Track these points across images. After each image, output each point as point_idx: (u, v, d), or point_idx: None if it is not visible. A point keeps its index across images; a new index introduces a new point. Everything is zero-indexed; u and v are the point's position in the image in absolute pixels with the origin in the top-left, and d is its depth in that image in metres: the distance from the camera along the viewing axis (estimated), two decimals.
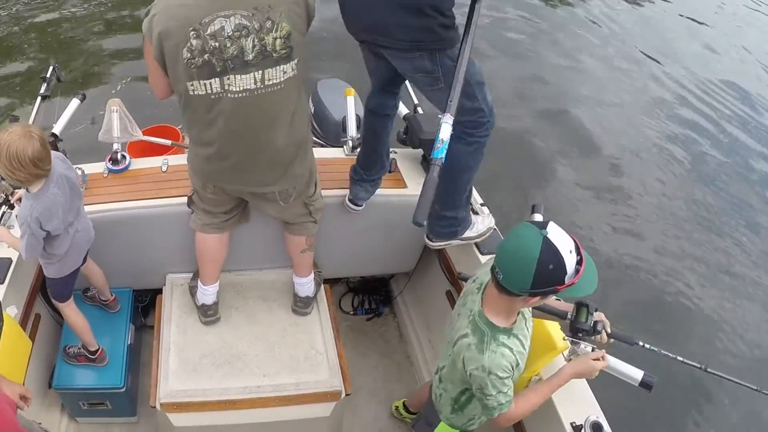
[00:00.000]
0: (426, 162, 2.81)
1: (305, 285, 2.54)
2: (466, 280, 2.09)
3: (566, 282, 1.49)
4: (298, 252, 2.46)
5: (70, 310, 2.31)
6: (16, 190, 2.30)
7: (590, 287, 1.55)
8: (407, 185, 2.71)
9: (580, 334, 1.80)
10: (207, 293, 2.47)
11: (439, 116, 2.79)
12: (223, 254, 2.44)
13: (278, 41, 1.74)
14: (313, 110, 3.59)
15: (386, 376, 3.01)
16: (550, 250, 1.45)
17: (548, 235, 1.46)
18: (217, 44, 1.68)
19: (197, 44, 1.67)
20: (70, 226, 2.06)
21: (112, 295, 2.59)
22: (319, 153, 2.68)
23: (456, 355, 1.73)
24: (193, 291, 2.56)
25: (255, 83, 1.79)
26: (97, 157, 2.66)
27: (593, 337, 1.81)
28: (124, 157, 2.59)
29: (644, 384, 1.84)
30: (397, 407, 2.76)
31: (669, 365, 3.66)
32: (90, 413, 2.56)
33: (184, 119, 1.97)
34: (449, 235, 2.40)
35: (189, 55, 1.68)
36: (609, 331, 1.82)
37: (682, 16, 8.10)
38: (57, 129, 2.59)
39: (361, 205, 2.58)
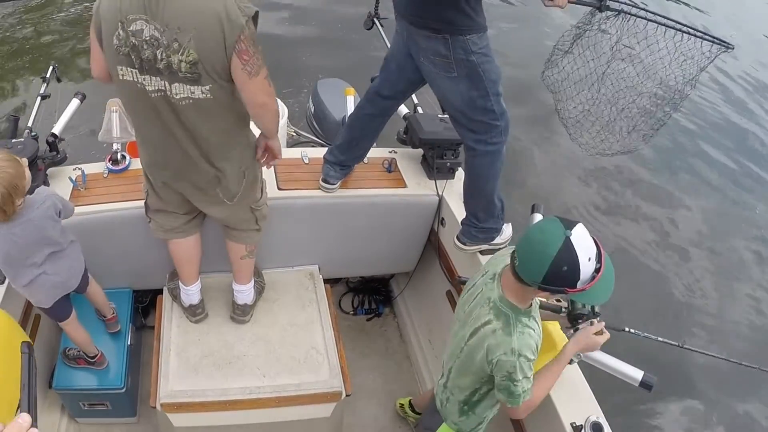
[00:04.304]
0: (426, 162, 2.81)
1: (244, 292, 2.49)
2: (464, 283, 2.09)
3: (578, 287, 1.50)
4: (237, 258, 2.38)
5: (69, 327, 2.29)
6: None
7: (602, 297, 1.56)
8: (407, 185, 2.71)
9: (580, 321, 1.82)
10: (191, 293, 2.46)
11: (440, 116, 2.82)
12: (198, 253, 2.40)
13: (183, 64, 1.72)
14: (313, 110, 3.60)
15: (386, 376, 3.01)
16: (568, 252, 1.45)
17: (571, 237, 1.46)
18: (136, 42, 1.71)
19: (123, 35, 1.71)
20: (33, 267, 2.02)
21: (112, 314, 2.52)
22: (319, 152, 2.69)
23: (475, 346, 1.71)
24: (175, 293, 2.54)
25: (167, 89, 1.78)
26: (97, 157, 2.66)
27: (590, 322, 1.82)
28: (124, 157, 2.60)
29: (644, 384, 1.84)
30: (402, 405, 2.76)
31: (668, 366, 3.65)
32: (90, 414, 2.56)
33: (123, 105, 2.00)
34: (485, 240, 2.45)
35: (117, 42, 1.73)
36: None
37: None
38: (57, 129, 2.58)
39: (335, 184, 2.57)
